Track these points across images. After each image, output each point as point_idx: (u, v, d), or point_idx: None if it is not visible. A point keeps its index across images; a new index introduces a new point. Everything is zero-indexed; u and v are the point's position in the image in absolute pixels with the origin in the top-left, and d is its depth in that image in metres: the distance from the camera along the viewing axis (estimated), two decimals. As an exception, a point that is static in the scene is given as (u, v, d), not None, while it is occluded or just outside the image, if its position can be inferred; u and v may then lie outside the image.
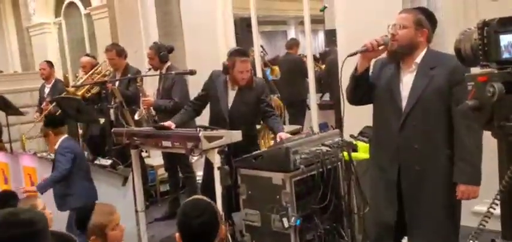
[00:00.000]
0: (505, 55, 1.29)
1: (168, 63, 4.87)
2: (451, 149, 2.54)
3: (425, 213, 2.61)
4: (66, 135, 4.15)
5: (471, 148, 2.46)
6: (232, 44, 5.90)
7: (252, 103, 3.90)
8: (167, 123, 3.82)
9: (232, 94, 3.96)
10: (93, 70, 5.74)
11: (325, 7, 8.30)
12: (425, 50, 2.60)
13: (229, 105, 3.94)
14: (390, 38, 2.56)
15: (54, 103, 5.54)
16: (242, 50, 4.04)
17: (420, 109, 2.54)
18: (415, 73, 2.59)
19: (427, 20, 2.61)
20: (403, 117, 2.58)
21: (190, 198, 2.28)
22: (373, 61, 2.77)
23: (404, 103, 2.59)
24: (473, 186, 2.51)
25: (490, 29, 1.29)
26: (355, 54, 2.63)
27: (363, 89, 2.73)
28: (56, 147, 4.00)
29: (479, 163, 2.50)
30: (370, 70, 2.76)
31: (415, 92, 2.56)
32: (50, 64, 6.41)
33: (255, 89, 3.92)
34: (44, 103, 6.07)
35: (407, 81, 2.61)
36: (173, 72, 4.61)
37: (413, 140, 2.57)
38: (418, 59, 2.59)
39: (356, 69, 2.68)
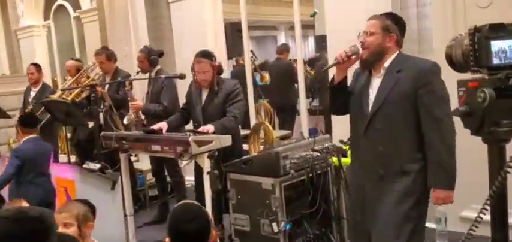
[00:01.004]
0: (496, 61, 1.30)
1: (158, 67, 4.85)
2: (420, 152, 2.52)
3: (385, 215, 2.56)
4: (32, 136, 4.21)
5: (444, 153, 2.45)
6: (223, 49, 5.90)
7: (220, 104, 3.88)
8: (158, 125, 3.82)
9: (204, 97, 3.98)
10: (79, 74, 5.68)
11: (315, 12, 8.31)
12: (394, 55, 2.60)
13: (202, 106, 3.96)
14: (360, 45, 2.59)
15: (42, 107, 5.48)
16: (203, 51, 3.98)
17: (385, 112, 2.54)
18: (382, 78, 2.60)
19: (394, 24, 2.61)
20: (367, 119, 2.58)
21: (181, 203, 2.26)
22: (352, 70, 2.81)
23: (370, 107, 2.60)
24: (448, 191, 2.49)
25: (481, 35, 1.30)
26: (328, 68, 2.76)
27: (341, 99, 2.75)
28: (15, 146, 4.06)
29: (453, 168, 2.48)
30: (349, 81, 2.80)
31: (379, 95, 2.57)
32: (38, 67, 6.31)
33: (224, 89, 3.89)
34: (28, 109, 6.01)
35: (375, 86, 2.62)
36: (163, 76, 4.60)
37: (377, 143, 2.57)
38: (387, 64, 2.59)
39: (333, 80, 2.72)
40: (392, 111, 2.52)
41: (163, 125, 3.83)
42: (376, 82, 2.62)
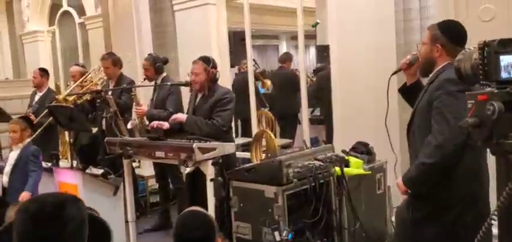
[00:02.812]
0: (505, 75, 1.32)
1: (164, 74, 4.89)
2: None
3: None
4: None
5: (420, 159, 2.55)
6: (226, 57, 5.92)
7: (208, 109, 3.93)
8: (159, 123, 3.90)
9: (197, 101, 4.07)
10: (83, 77, 5.70)
11: (317, 23, 8.36)
12: (441, 65, 2.60)
13: (193, 110, 4.04)
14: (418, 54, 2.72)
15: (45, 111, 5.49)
16: (203, 55, 4.10)
17: (416, 122, 2.67)
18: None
19: (443, 34, 2.61)
20: (407, 128, 2.75)
21: (187, 209, 2.27)
22: None
23: None
24: (402, 181, 2.67)
25: (491, 50, 1.33)
26: (395, 73, 2.87)
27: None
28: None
29: (417, 174, 2.59)
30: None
31: (415, 106, 2.71)
32: (42, 72, 6.31)
33: (215, 96, 3.95)
34: (27, 113, 6.02)
35: None
36: (168, 83, 4.64)
37: (413, 149, 2.72)
38: (432, 74, 2.65)
39: (404, 84, 2.88)
40: (419, 121, 2.64)
41: (164, 123, 3.89)
42: None
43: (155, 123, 3.99)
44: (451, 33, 2.61)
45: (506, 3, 3.34)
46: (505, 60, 1.33)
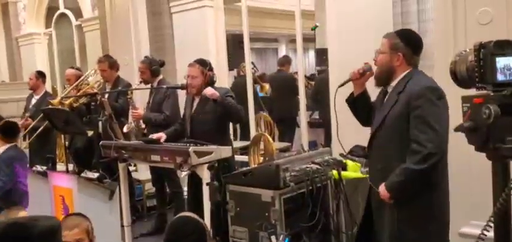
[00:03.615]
0: (501, 77, 1.29)
1: (160, 77, 4.87)
2: None
3: (386, 232, 2.65)
4: (12, 144, 4.45)
5: (407, 170, 2.51)
6: (224, 60, 5.90)
7: (210, 112, 3.89)
8: (157, 135, 3.81)
9: (195, 105, 4.02)
10: (80, 80, 5.67)
11: (316, 26, 8.35)
12: (403, 74, 2.64)
13: (191, 114, 4.01)
14: (374, 63, 2.69)
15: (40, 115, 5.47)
16: (200, 58, 4.06)
17: (383, 132, 2.64)
18: (387, 97, 2.67)
19: (403, 42, 2.64)
20: (370, 138, 2.71)
21: (179, 215, 2.24)
22: None
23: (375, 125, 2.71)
24: (385, 189, 2.58)
25: (487, 51, 1.30)
26: (343, 85, 2.84)
27: (365, 111, 2.87)
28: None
29: (403, 179, 2.53)
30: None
31: (380, 115, 2.66)
32: (39, 75, 6.30)
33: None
34: (23, 119, 6.00)
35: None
36: (165, 86, 4.61)
37: (377, 160, 2.69)
38: (394, 83, 2.65)
39: (351, 95, 2.87)
40: (390, 131, 2.61)
41: (161, 135, 3.83)
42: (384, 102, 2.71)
43: (155, 136, 3.91)
44: (411, 42, 2.66)
45: (505, 6, 3.32)
46: (502, 62, 1.30)
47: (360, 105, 2.85)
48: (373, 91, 2.92)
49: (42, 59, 8.75)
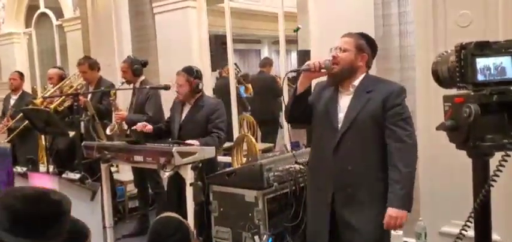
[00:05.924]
0: (481, 77, 1.33)
1: (142, 77, 4.83)
2: (384, 172, 2.56)
3: (358, 235, 2.60)
4: None
5: (404, 173, 2.49)
6: (207, 61, 5.89)
7: (200, 122, 3.92)
8: (141, 124, 3.89)
9: (185, 112, 4.04)
10: (62, 82, 5.61)
11: (298, 28, 8.37)
12: (363, 75, 2.68)
13: (181, 121, 4.01)
14: (331, 60, 2.62)
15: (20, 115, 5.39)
16: (187, 66, 4.06)
17: (354, 131, 2.58)
18: (352, 96, 2.65)
19: (367, 45, 2.69)
20: (338, 138, 2.61)
21: (162, 215, 2.23)
22: (313, 82, 2.84)
23: (340, 124, 2.63)
24: (401, 211, 2.48)
25: (467, 52, 1.33)
26: (297, 71, 2.79)
27: (301, 108, 2.74)
28: None
29: (411, 189, 2.52)
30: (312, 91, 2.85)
31: (350, 114, 2.61)
32: (21, 75, 6.24)
33: (206, 108, 3.94)
34: (5, 118, 5.91)
35: (344, 103, 2.66)
36: (147, 86, 4.58)
37: (347, 161, 2.60)
38: (356, 82, 2.66)
39: (296, 88, 2.71)
40: (363, 130, 2.59)
41: (146, 124, 3.88)
42: (344, 100, 2.67)
43: (140, 126, 3.93)
44: (373, 46, 2.74)
45: (483, 10, 3.39)
46: (481, 62, 1.33)
47: (301, 102, 2.72)
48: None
49: (21, 59, 8.61)
